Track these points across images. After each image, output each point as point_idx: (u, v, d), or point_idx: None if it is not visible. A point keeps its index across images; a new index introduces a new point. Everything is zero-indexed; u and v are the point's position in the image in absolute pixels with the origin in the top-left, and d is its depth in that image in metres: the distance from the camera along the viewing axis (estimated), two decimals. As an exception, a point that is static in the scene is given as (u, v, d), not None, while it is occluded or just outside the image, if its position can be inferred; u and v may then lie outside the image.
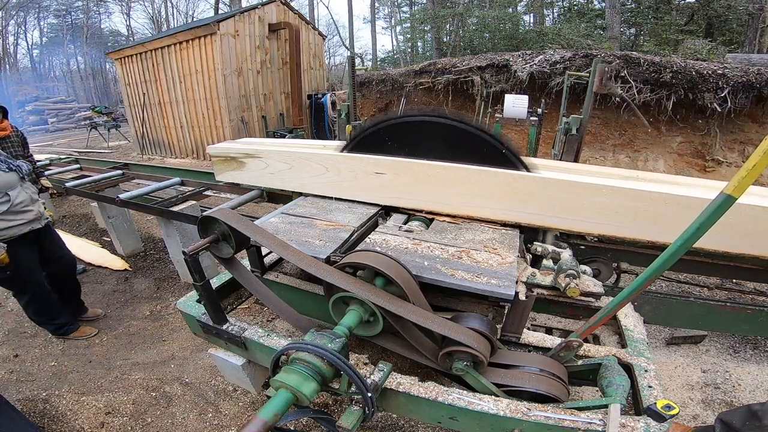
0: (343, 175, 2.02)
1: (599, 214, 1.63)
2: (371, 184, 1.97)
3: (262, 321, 1.77)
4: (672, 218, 1.54)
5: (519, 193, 1.71)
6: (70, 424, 2.22)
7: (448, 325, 1.19)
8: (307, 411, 1.24)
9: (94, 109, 14.92)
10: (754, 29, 11.46)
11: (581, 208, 1.65)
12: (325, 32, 15.35)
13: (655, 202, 1.55)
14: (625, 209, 1.59)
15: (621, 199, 1.58)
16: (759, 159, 0.85)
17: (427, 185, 1.86)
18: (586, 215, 1.65)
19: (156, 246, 4.66)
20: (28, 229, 2.62)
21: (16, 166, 2.54)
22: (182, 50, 9.01)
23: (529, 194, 1.69)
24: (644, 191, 1.55)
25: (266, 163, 2.27)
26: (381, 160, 1.93)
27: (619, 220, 1.61)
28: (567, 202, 1.66)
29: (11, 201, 2.47)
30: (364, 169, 1.96)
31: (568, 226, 1.71)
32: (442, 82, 8.15)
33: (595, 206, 1.62)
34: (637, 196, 1.56)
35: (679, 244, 1.03)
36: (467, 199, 1.81)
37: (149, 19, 29.79)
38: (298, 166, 2.15)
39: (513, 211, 1.75)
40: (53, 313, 2.94)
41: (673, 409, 1.04)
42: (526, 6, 19.08)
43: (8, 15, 26.05)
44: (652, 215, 1.56)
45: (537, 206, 1.71)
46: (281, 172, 2.23)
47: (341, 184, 2.05)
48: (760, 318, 1.93)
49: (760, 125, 6.48)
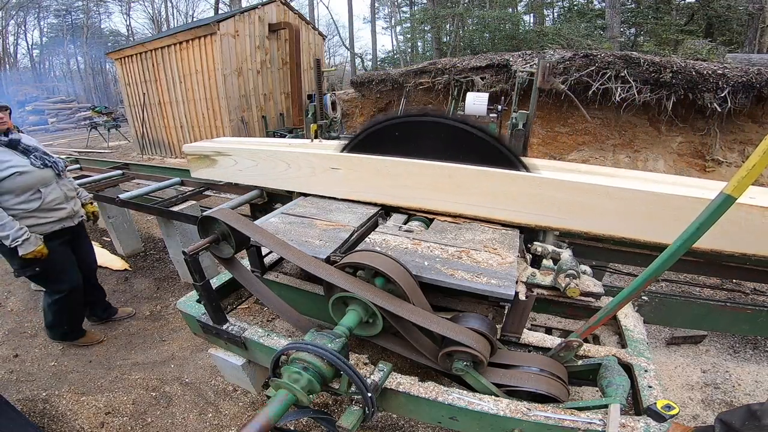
0: (303, 170, 2.17)
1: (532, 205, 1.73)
2: (328, 179, 2.11)
3: (262, 321, 1.77)
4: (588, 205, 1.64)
5: (459, 184, 1.83)
6: (70, 424, 2.22)
7: (447, 325, 1.19)
8: (307, 411, 1.24)
9: (94, 109, 14.93)
10: (754, 29, 11.46)
11: (513, 199, 1.76)
12: (325, 32, 15.36)
13: (584, 193, 1.64)
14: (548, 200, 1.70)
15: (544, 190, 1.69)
16: (759, 159, 0.85)
17: (378, 179, 1.97)
18: (519, 206, 1.75)
19: (156, 246, 4.66)
20: (59, 226, 2.55)
21: (52, 162, 2.47)
22: (182, 50, 9.01)
23: (467, 185, 1.82)
24: (565, 181, 1.65)
25: (235, 160, 2.43)
26: (336, 157, 2.08)
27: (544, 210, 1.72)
28: (506, 193, 1.77)
29: (42, 198, 2.41)
30: (322, 165, 2.11)
31: (505, 216, 1.81)
32: (442, 82, 8.15)
33: (530, 197, 1.72)
34: (559, 187, 1.66)
35: (679, 244, 1.03)
36: (414, 192, 1.92)
37: (149, 19, 29.81)
38: (263, 163, 2.32)
39: (455, 203, 1.88)
40: (74, 317, 2.84)
41: (673, 409, 1.04)
42: (526, 6, 19.09)
43: (8, 15, 26.06)
44: (569, 205, 1.67)
45: (478, 197, 1.83)
46: (249, 169, 2.40)
47: (300, 179, 2.21)
48: (760, 318, 1.93)
49: (760, 125, 6.47)
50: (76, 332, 2.92)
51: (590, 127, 7.05)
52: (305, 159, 2.15)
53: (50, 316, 2.79)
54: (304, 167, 2.16)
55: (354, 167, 2.02)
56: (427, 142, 1.91)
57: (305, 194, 2.20)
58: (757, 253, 1.56)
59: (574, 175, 1.76)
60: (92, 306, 3.10)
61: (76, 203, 2.68)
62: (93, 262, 3.03)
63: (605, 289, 1.45)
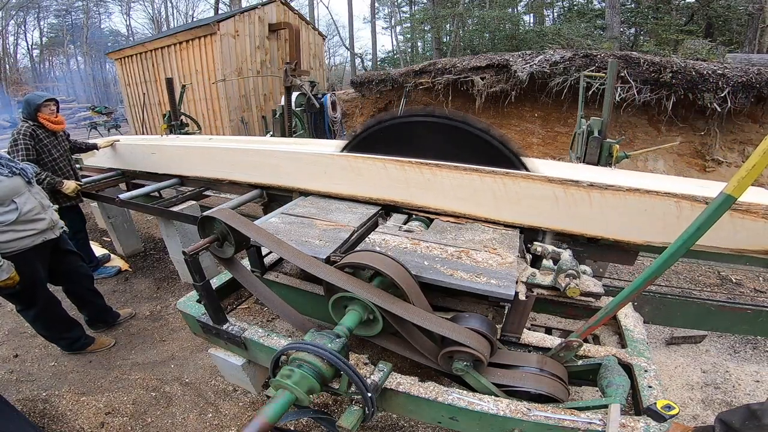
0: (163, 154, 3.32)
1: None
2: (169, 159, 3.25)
3: (262, 321, 1.77)
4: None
5: (360, 173, 2.12)
6: (70, 424, 2.22)
7: (447, 325, 1.19)
8: (307, 411, 1.24)
9: (93, 109, 14.92)
10: (754, 29, 11.45)
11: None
12: (325, 32, 15.37)
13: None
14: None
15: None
16: (759, 159, 0.85)
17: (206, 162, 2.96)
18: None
19: (156, 246, 4.66)
20: (41, 240, 2.37)
21: (20, 169, 2.27)
22: (182, 50, 9.01)
23: (364, 174, 2.10)
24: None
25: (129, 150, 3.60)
26: (183, 146, 3.21)
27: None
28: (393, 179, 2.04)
29: (19, 209, 2.21)
30: (137, 152, 3.38)
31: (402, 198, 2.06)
32: (442, 82, 8.14)
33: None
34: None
35: (679, 244, 1.03)
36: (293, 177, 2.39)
37: (149, 19, 29.80)
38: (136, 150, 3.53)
39: (352, 190, 2.19)
40: (64, 327, 2.71)
41: (673, 409, 1.04)
42: (526, 6, 19.09)
43: (8, 15, 26.04)
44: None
45: (371, 187, 2.10)
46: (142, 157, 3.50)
47: (161, 161, 3.32)
48: (760, 318, 1.93)
49: (760, 125, 6.47)
50: (82, 339, 2.81)
51: (590, 127, 7.03)
52: (160, 147, 3.40)
53: (42, 331, 2.69)
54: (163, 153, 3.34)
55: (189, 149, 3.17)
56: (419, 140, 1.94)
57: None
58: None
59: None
60: (96, 313, 3.03)
61: (53, 213, 2.50)
62: (84, 271, 2.90)
63: (605, 289, 1.46)
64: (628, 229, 1.72)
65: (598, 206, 1.71)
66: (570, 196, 1.73)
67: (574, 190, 1.71)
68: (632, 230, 1.71)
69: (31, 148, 3.06)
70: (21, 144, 3.02)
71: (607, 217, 1.72)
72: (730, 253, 1.66)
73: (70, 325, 2.76)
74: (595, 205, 1.71)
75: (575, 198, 1.73)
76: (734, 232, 1.59)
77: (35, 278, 2.43)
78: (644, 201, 1.63)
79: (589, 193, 1.70)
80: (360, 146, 2.14)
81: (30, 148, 3.05)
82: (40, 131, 3.14)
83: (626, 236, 1.74)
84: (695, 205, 1.57)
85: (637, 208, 1.65)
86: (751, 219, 1.55)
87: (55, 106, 3.22)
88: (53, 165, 3.24)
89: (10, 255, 2.22)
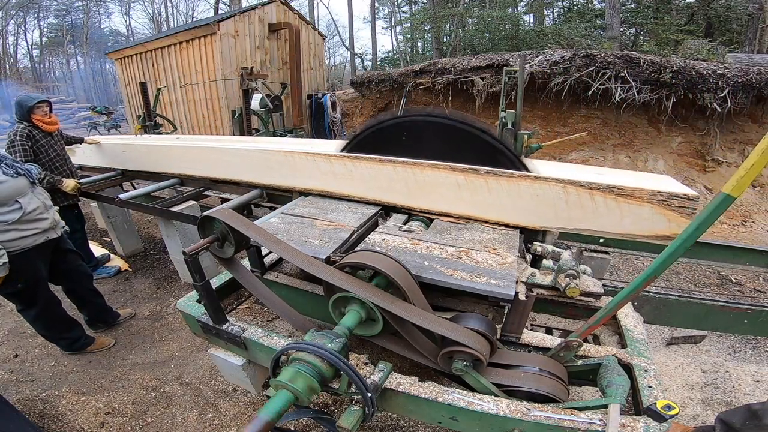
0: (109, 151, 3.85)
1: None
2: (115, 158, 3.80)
3: (262, 321, 1.77)
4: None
5: (267, 163, 2.47)
6: (70, 424, 2.22)
7: (447, 325, 1.19)
8: (307, 411, 1.25)
9: (93, 109, 14.90)
10: (754, 29, 11.46)
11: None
12: (325, 32, 15.36)
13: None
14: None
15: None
16: (757, 158, 0.85)
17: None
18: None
19: (156, 246, 4.66)
20: (43, 239, 2.39)
21: (24, 170, 2.30)
22: (182, 50, 9.01)
23: (271, 164, 2.42)
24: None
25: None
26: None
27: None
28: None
29: (23, 209, 2.23)
30: (113, 151, 3.81)
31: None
32: (442, 82, 8.14)
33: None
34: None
35: (678, 243, 1.03)
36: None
37: (149, 19, 29.80)
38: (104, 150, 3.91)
39: (257, 178, 2.61)
40: (64, 326, 2.72)
41: (673, 409, 1.04)
42: (526, 6, 19.08)
43: (8, 15, 26.04)
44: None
45: (279, 176, 2.43)
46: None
47: (106, 158, 3.90)
48: (760, 318, 1.93)
49: (760, 125, 6.48)
50: (82, 339, 2.82)
51: (590, 127, 7.05)
52: (110, 147, 3.90)
53: (43, 331, 2.69)
54: (109, 152, 3.89)
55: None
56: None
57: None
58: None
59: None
60: (96, 313, 3.03)
61: (54, 213, 2.53)
62: (84, 271, 2.92)
63: (605, 289, 1.46)
64: (524, 214, 1.80)
65: (496, 192, 1.79)
66: (470, 183, 1.82)
67: (474, 177, 1.80)
68: (528, 215, 1.79)
69: (28, 149, 3.06)
70: (18, 145, 3.02)
71: (503, 203, 1.80)
72: (623, 239, 1.73)
73: (71, 325, 2.76)
74: (492, 191, 1.80)
75: (475, 185, 1.81)
76: (621, 217, 1.66)
77: (37, 278, 2.44)
78: (535, 187, 1.72)
79: (486, 180, 1.79)
80: (358, 146, 2.16)
81: (27, 149, 3.05)
82: (36, 132, 3.14)
83: (523, 221, 1.81)
84: (580, 191, 1.66)
85: (530, 193, 1.74)
86: (637, 204, 1.61)
87: (47, 107, 3.20)
88: (50, 165, 3.24)
89: (13, 254, 2.23)
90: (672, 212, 1.58)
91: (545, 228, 1.81)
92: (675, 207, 1.57)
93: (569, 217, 1.72)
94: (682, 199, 1.56)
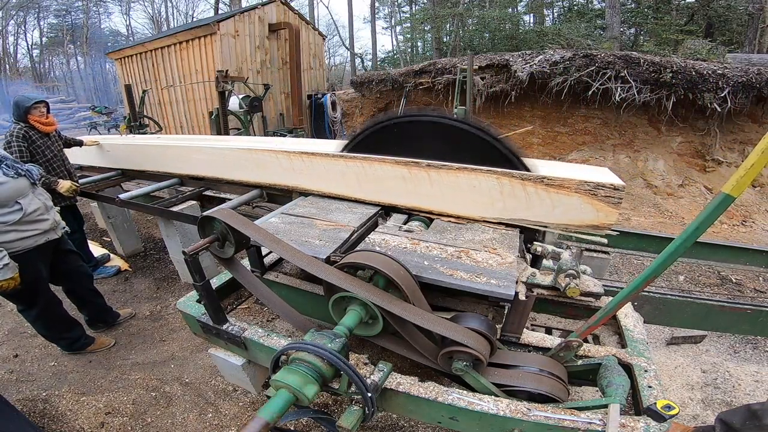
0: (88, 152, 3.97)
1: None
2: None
3: (262, 321, 1.77)
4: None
5: (225, 159, 2.73)
6: (70, 424, 2.22)
7: (447, 325, 1.19)
8: (307, 411, 1.25)
9: (94, 109, 14.90)
10: (754, 29, 11.46)
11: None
12: (325, 32, 15.36)
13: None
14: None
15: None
16: (757, 158, 0.85)
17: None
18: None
19: (156, 246, 4.66)
20: (44, 240, 2.39)
21: (25, 171, 2.29)
22: (182, 50, 9.02)
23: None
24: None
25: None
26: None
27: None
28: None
29: (24, 210, 2.22)
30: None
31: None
32: (442, 82, 8.14)
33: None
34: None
35: (678, 243, 1.03)
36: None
37: (149, 19, 29.80)
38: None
39: (217, 173, 2.89)
40: (64, 326, 2.71)
41: (673, 409, 1.04)
42: (526, 6, 19.08)
43: (8, 15, 26.03)
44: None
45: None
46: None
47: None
48: (760, 318, 1.93)
49: (760, 125, 6.48)
50: (82, 339, 2.81)
51: (590, 127, 7.05)
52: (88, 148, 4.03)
53: (43, 331, 2.69)
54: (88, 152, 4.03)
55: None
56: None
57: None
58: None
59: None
60: (96, 313, 3.02)
61: (55, 213, 2.53)
62: (84, 271, 2.92)
63: (605, 289, 1.46)
64: (464, 205, 1.85)
65: (437, 184, 1.86)
66: (414, 176, 1.89)
67: (416, 171, 1.88)
68: (467, 206, 1.85)
69: (24, 150, 3.05)
70: (15, 146, 3.01)
71: (444, 194, 1.86)
72: (557, 230, 1.76)
73: (71, 325, 2.76)
74: (434, 183, 1.86)
75: (418, 177, 1.89)
76: (552, 207, 1.70)
77: (37, 278, 2.44)
78: (472, 178, 1.78)
79: (428, 173, 1.85)
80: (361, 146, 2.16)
81: (23, 149, 3.04)
82: (33, 132, 3.12)
83: (463, 212, 1.87)
84: (513, 182, 1.72)
85: (468, 184, 1.79)
86: (566, 194, 1.65)
87: (45, 108, 3.18)
88: (47, 166, 3.22)
89: (14, 255, 2.23)
90: (599, 202, 1.61)
91: (484, 218, 1.86)
92: (602, 197, 1.60)
93: (505, 207, 1.79)
94: (608, 188, 1.59)
